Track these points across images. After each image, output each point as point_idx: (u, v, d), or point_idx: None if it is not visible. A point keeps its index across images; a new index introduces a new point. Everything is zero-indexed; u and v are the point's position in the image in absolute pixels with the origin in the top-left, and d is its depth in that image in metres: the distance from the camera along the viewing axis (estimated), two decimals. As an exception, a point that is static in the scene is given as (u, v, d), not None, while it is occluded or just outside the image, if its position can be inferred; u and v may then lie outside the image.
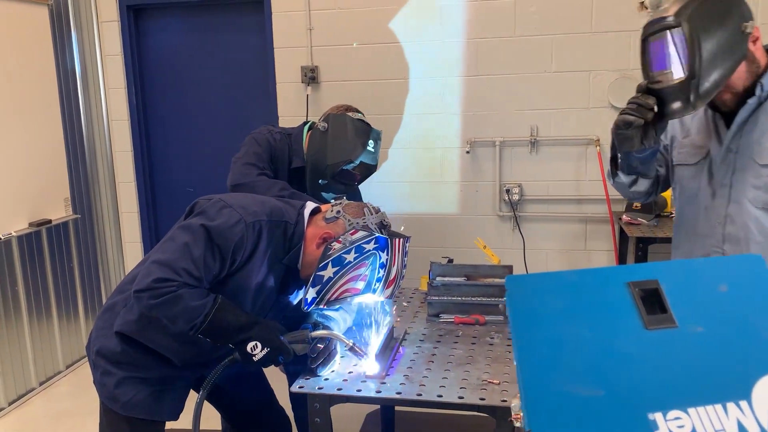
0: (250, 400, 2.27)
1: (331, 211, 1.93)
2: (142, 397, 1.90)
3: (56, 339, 3.95)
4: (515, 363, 0.67)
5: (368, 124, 2.63)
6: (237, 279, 1.83)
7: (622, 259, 3.90)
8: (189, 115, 4.48)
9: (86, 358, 2.20)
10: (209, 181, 4.38)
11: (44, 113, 3.94)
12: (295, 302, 2.07)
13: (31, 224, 3.77)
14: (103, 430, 1.98)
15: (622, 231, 3.76)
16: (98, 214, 4.45)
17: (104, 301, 4.35)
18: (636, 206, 3.63)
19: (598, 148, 3.84)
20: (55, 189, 4.03)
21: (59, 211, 4.04)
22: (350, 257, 1.84)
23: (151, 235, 4.62)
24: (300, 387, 1.87)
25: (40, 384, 3.81)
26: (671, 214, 3.70)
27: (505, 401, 1.73)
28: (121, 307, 1.91)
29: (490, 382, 1.85)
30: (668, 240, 3.45)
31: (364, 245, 1.84)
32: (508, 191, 4.00)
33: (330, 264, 1.84)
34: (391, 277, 1.91)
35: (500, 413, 1.73)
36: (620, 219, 3.70)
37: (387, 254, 1.87)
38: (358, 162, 2.55)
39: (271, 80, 4.19)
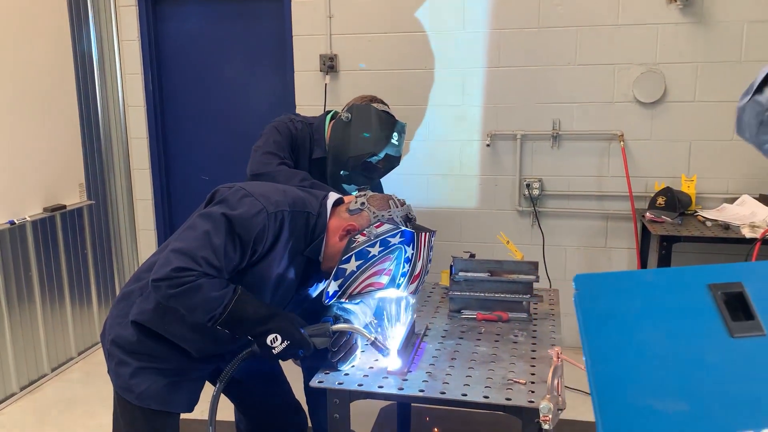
0: (266, 394, 2.22)
1: (356, 202, 1.87)
2: (158, 387, 1.86)
3: (69, 325, 3.93)
4: (586, 371, 0.61)
5: (393, 116, 2.57)
6: (257, 270, 1.78)
7: (643, 257, 3.82)
8: (205, 102, 4.43)
9: (99, 344, 2.17)
10: (224, 170, 4.34)
11: (60, 98, 3.91)
12: (314, 295, 2.02)
13: (45, 209, 3.75)
14: (117, 420, 1.95)
15: (644, 229, 3.68)
16: (112, 201, 4.43)
17: (117, 287, 4.35)
18: (659, 204, 3.55)
19: (621, 143, 3.75)
20: (70, 174, 4.00)
21: (74, 196, 4.02)
22: (375, 251, 1.79)
23: (165, 223, 4.59)
24: (320, 382, 1.82)
25: (53, 370, 3.79)
26: (695, 212, 3.62)
27: (533, 402, 1.67)
28: (138, 296, 1.87)
29: (515, 381, 1.79)
30: (693, 239, 3.41)
31: (390, 239, 1.79)
32: (528, 186, 3.93)
33: (353, 257, 1.79)
34: (416, 272, 1.85)
35: (527, 414, 1.67)
36: (643, 216, 3.62)
37: (412, 248, 1.82)
38: (382, 155, 2.49)
39: (289, 68, 4.13)
